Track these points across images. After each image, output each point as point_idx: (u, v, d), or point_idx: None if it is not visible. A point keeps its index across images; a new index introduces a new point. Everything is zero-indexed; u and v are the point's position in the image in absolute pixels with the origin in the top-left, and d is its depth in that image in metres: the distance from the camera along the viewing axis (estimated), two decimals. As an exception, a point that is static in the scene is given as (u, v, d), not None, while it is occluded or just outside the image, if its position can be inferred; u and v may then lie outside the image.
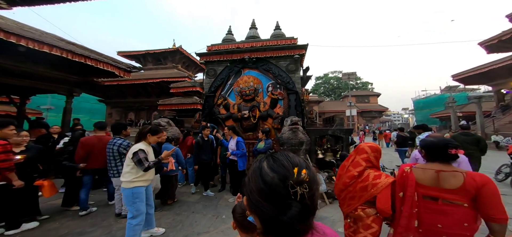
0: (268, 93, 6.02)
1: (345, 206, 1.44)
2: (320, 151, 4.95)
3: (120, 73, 4.79)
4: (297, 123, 4.36)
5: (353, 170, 1.42)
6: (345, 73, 19.28)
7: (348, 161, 1.50)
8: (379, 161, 1.47)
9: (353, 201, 1.39)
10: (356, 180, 1.39)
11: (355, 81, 43.84)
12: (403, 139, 6.55)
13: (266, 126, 5.80)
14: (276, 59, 6.19)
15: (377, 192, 1.31)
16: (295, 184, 0.44)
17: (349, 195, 1.42)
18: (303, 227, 0.43)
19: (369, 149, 1.45)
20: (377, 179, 1.34)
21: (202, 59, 6.33)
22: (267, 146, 4.16)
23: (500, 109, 15.71)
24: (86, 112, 20.54)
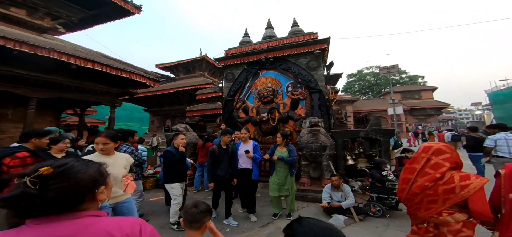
0: (288, 94, 5.64)
1: (423, 211, 1.34)
2: (350, 157, 4.26)
3: (150, 83, 5.34)
4: (318, 124, 3.82)
5: (434, 172, 1.32)
6: (384, 67, 16.50)
7: (418, 163, 1.39)
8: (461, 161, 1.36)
9: (434, 205, 1.30)
10: (436, 183, 1.29)
11: (399, 75, 37.82)
12: (476, 142, 4.84)
13: (287, 129, 5.41)
14: (295, 57, 5.78)
15: (470, 194, 1.20)
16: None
17: (427, 198, 1.32)
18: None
19: (449, 148, 1.37)
20: (466, 180, 1.24)
21: (221, 64, 6.47)
22: (293, 157, 3.11)
23: None
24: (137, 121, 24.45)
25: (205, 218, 1.24)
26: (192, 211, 1.23)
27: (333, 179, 3.12)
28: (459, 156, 1.36)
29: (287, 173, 3.09)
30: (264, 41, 6.53)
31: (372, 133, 4.08)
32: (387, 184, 2.94)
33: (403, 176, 1.45)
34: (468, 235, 1.24)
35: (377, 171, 3.15)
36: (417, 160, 1.42)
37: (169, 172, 2.89)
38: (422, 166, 1.37)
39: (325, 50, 5.58)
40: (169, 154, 2.85)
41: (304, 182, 3.97)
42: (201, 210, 1.25)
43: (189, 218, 1.22)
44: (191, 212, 1.23)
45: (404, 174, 1.45)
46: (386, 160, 3.82)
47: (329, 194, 3.10)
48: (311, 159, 3.99)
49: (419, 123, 26.27)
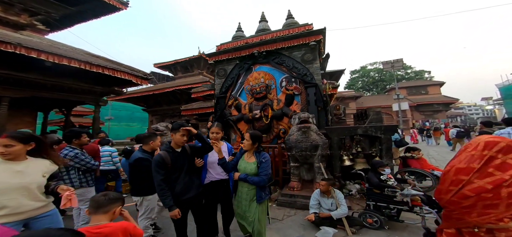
0: (282, 89, 5.30)
1: (475, 215, 1.18)
2: (346, 157, 3.83)
3: (137, 81, 5.10)
4: (307, 120, 3.40)
5: (500, 173, 1.12)
6: (387, 62, 15.72)
7: (477, 162, 1.18)
8: None
9: (494, 210, 1.13)
10: (500, 185, 1.12)
11: (404, 70, 36.75)
12: None
13: (282, 127, 5.07)
14: (289, 50, 5.43)
15: None
16: None
17: (484, 202, 1.15)
18: None
19: None
20: None
21: (212, 59, 6.18)
22: (264, 174, 2.00)
23: None
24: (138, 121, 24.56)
25: (113, 204, 1.25)
26: (100, 199, 1.24)
27: (322, 183, 2.66)
28: None
29: (252, 198, 1.99)
30: (258, 35, 6.21)
31: (371, 130, 3.62)
32: (386, 190, 2.52)
33: (453, 177, 1.23)
34: None
35: (375, 175, 2.72)
36: (474, 158, 1.19)
37: (144, 180, 2.29)
38: (482, 166, 1.16)
39: (320, 42, 5.21)
40: (146, 161, 2.28)
41: (293, 186, 3.55)
42: (111, 197, 1.26)
43: (95, 205, 1.23)
44: (98, 199, 1.24)
45: (455, 175, 1.23)
46: (387, 160, 3.43)
47: (318, 201, 2.66)
48: (302, 160, 3.60)
49: (426, 119, 25.38)
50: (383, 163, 2.86)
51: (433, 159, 7.69)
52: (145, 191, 2.33)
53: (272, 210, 3.24)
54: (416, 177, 3.91)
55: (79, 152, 2.39)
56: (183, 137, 2.00)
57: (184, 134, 2.01)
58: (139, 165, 2.31)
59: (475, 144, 1.24)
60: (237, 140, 5.54)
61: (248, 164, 2.06)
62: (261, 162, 2.01)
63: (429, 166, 4.02)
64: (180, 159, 1.98)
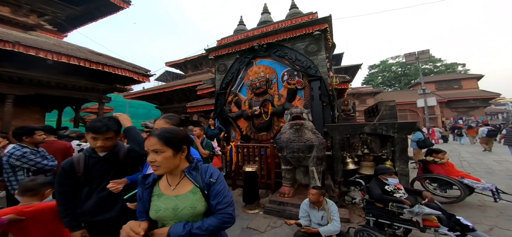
0: (283, 84, 4.92)
1: None
2: (350, 159, 3.29)
3: (138, 78, 5.15)
4: (300, 116, 2.95)
5: None
6: (411, 54, 13.86)
7: None
8: None
9: None
10: None
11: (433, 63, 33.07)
12: None
13: (283, 124, 4.70)
14: (291, 42, 5.01)
15: None
16: None
17: None
18: None
19: None
20: None
21: (211, 55, 6.00)
22: (222, 197, 0.97)
23: None
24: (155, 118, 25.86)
25: (42, 188, 1.37)
26: (28, 184, 1.35)
27: (311, 192, 2.17)
28: None
29: None
30: (259, 27, 5.88)
31: (381, 128, 3.00)
32: (390, 205, 1.96)
33: None
34: None
35: (377, 184, 2.19)
36: None
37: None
38: None
39: (326, 32, 4.70)
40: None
41: (284, 191, 3.09)
42: (39, 182, 1.37)
43: (22, 189, 1.34)
44: (26, 184, 1.35)
45: None
46: (401, 165, 2.86)
47: (307, 213, 2.18)
48: (295, 162, 3.15)
49: (458, 116, 22.51)
50: (389, 169, 2.28)
51: (466, 161, 6.60)
52: None
53: (256, 219, 2.87)
54: (439, 184, 3.26)
55: (29, 150, 2.13)
56: (94, 141, 1.31)
57: (95, 136, 1.30)
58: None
59: None
60: (237, 138, 5.31)
61: (179, 200, 0.95)
62: (209, 183, 1.00)
63: (457, 172, 3.30)
64: (100, 167, 1.36)
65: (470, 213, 2.87)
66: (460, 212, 2.86)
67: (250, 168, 3.21)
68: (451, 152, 8.91)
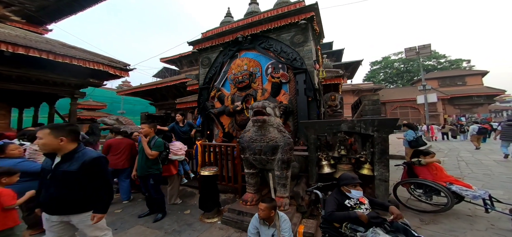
0: (267, 77, 4.60)
1: None
2: (326, 162, 2.89)
3: (115, 72, 4.88)
4: (262, 111, 2.48)
5: None
6: (411, 49, 13.31)
7: None
8: None
9: None
10: None
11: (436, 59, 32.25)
12: None
13: (264, 120, 4.41)
14: (277, 32, 4.70)
15: None
16: None
17: None
18: None
19: None
20: None
21: (195, 48, 5.72)
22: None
23: None
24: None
25: None
26: None
27: (260, 207, 1.81)
28: None
29: None
30: (246, 18, 5.56)
31: (360, 125, 2.63)
32: (344, 227, 1.64)
33: None
34: None
35: (337, 197, 1.81)
36: None
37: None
38: None
39: (312, 21, 4.36)
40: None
41: (247, 199, 2.68)
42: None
43: None
44: None
45: None
46: (381, 169, 2.50)
47: (257, 229, 1.84)
48: (260, 166, 2.72)
49: (462, 113, 21.91)
50: (353, 180, 1.83)
51: (464, 161, 6.23)
52: None
53: (210, 231, 2.48)
54: (424, 191, 2.87)
55: None
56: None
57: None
58: None
59: None
60: (220, 135, 5.03)
61: None
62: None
63: (446, 177, 2.88)
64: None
65: (456, 225, 2.50)
66: (445, 223, 2.53)
67: (207, 172, 2.82)
68: (450, 150, 8.53)
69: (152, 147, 2.66)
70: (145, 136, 2.72)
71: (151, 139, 2.73)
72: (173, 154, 3.32)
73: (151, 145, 2.68)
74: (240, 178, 3.25)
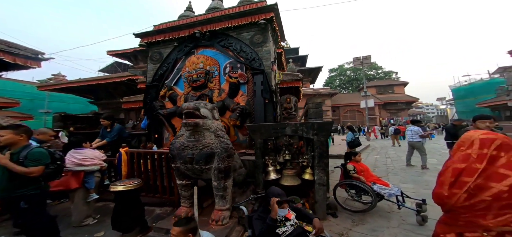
0: (225, 77, 4.39)
1: (490, 218, 1.11)
2: (272, 167, 2.78)
3: (16, 61, 3.68)
4: (193, 113, 2.16)
5: (509, 172, 1.08)
6: (357, 58, 16.02)
7: (480, 161, 1.13)
8: None
9: (508, 210, 1.09)
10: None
11: (376, 70, 39.12)
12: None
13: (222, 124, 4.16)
14: (237, 31, 4.57)
15: None
16: None
17: (500, 203, 1.09)
18: None
19: None
20: None
21: (143, 40, 4.98)
22: None
23: None
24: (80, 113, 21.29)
25: None
26: None
27: (173, 232, 1.47)
28: None
29: None
30: (207, 13, 5.21)
31: (302, 129, 2.63)
32: None
33: (451, 178, 1.18)
34: None
35: (263, 215, 1.66)
36: (472, 157, 1.15)
37: None
38: (487, 166, 1.13)
39: (272, 21, 4.43)
40: None
41: (180, 214, 2.36)
42: None
43: None
44: None
45: (454, 176, 1.18)
46: (319, 172, 2.49)
47: None
48: (194, 175, 2.41)
49: (391, 116, 27.19)
50: (278, 196, 1.67)
51: (390, 158, 7.32)
52: None
53: None
54: (356, 191, 3.01)
55: None
56: None
57: None
58: None
59: (469, 142, 1.23)
60: (170, 139, 4.48)
61: None
62: None
63: (371, 177, 3.05)
64: None
65: (377, 223, 2.61)
66: (370, 222, 2.65)
67: (122, 187, 2.24)
68: (382, 148, 10.27)
69: (27, 162, 1.88)
70: (7, 147, 1.93)
71: (20, 150, 1.93)
72: (76, 164, 2.60)
73: (21, 158, 1.89)
74: (176, 189, 2.77)
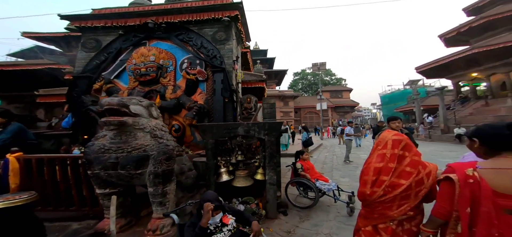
0: (182, 73, 4.03)
1: (395, 209, 1.27)
2: (224, 169, 2.67)
3: None
4: (120, 110, 1.85)
5: (414, 170, 1.27)
6: (315, 64, 18.14)
7: (392, 161, 1.29)
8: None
9: (406, 201, 1.26)
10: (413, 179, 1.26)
11: (330, 77, 44.64)
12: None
13: (175, 122, 3.79)
14: (199, 25, 4.32)
15: (434, 181, 1.23)
16: None
17: (402, 195, 1.25)
18: None
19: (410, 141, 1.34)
20: (426, 168, 1.28)
21: (74, 24, 4.05)
22: None
23: (459, 102, 15.48)
24: None
25: None
26: None
27: None
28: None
29: None
30: (166, 4, 4.69)
31: (254, 129, 2.55)
32: None
33: (373, 177, 1.31)
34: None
35: (196, 221, 1.46)
36: (387, 157, 1.31)
37: None
38: (398, 164, 1.29)
39: (237, 19, 4.38)
40: None
41: (103, 228, 2.00)
42: None
43: None
44: None
45: (375, 175, 1.31)
46: (270, 172, 2.46)
47: None
48: (122, 182, 2.07)
49: (340, 118, 31.67)
50: (212, 199, 1.49)
51: (335, 155, 8.20)
52: None
53: None
54: (303, 188, 3.10)
55: None
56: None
57: None
58: None
59: (384, 142, 1.36)
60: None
61: None
62: None
63: (315, 174, 3.19)
64: None
65: (320, 218, 2.73)
66: (313, 217, 2.74)
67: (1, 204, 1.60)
68: (331, 146, 11.63)
69: None
70: None
71: None
72: None
73: None
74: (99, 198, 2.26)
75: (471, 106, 14.09)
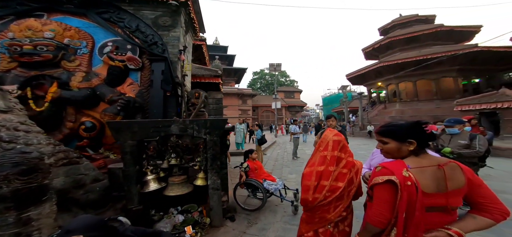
0: (102, 58, 3.09)
1: (332, 211, 1.29)
2: (153, 175, 2.24)
3: None
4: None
5: (348, 171, 1.31)
6: (272, 64, 19.17)
7: (332, 164, 1.30)
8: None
9: (340, 202, 1.29)
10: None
11: (285, 78, 48.26)
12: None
13: (87, 119, 2.86)
14: (136, 6, 3.48)
15: (360, 179, 1.31)
16: None
17: (337, 196, 1.27)
18: None
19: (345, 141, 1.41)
20: (353, 166, 1.33)
21: None
22: None
23: (370, 105, 20.43)
24: None
25: None
26: None
27: None
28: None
29: None
30: None
31: (192, 127, 2.21)
32: None
33: (315, 182, 1.29)
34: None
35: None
36: (327, 160, 1.32)
37: None
38: (336, 167, 1.30)
39: (188, 6, 3.78)
40: None
41: None
42: None
43: None
44: None
45: (317, 180, 1.29)
46: (212, 176, 2.21)
47: None
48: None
49: (292, 117, 34.94)
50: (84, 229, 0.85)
51: (286, 152, 8.69)
52: None
53: None
54: (252, 189, 2.93)
55: None
56: None
57: None
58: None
59: (325, 143, 1.36)
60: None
61: None
62: None
63: (263, 174, 3.07)
64: None
65: (267, 220, 2.61)
66: (262, 219, 2.62)
67: None
68: (283, 143, 12.42)
69: None
70: None
71: None
72: None
73: None
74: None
75: (377, 108, 18.58)
